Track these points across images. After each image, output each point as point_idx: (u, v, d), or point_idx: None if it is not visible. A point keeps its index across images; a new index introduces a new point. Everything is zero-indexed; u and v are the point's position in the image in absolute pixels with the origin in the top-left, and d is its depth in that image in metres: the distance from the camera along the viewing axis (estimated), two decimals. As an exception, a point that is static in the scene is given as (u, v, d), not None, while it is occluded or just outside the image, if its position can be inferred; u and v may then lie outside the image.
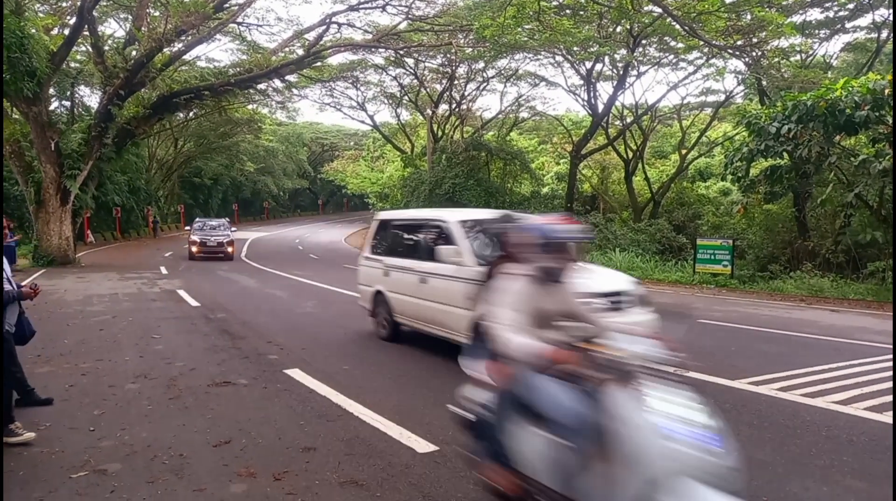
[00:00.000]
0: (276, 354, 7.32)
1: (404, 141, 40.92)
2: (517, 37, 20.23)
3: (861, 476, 3.85)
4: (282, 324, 9.53)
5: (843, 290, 14.14)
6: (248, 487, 3.66)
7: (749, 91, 27.64)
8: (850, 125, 13.21)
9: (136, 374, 6.35)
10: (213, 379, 6.11)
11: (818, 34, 23.66)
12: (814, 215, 18.58)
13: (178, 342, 8.03)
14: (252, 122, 42.69)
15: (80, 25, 20.31)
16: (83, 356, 7.17)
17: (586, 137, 26.69)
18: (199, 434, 4.55)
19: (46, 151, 20.50)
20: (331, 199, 72.59)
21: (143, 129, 24.09)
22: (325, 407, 5.21)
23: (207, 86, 22.86)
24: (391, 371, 6.54)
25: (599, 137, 30.23)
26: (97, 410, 5.14)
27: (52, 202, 21.06)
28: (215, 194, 54.08)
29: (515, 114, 36.43)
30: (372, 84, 35.21)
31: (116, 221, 37.13)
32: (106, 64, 21.06)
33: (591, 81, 26.43)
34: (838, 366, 6.74)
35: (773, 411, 5.12)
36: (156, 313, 10.63)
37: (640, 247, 22.60)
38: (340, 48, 25.30)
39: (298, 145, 61.52)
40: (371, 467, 3.94)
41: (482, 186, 28.03)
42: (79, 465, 3.98)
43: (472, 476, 3.78)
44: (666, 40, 23.30)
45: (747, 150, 15.26)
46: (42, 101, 20.61)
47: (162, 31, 19.95)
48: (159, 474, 3.85)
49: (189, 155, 47.30)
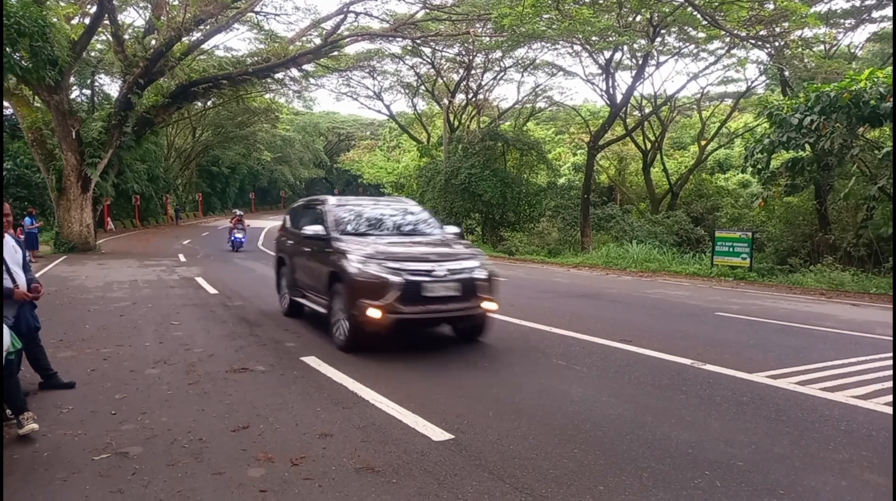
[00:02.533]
0: (293, 341, 7.39)
1: (420, 131, 40.85)
2: (536, 26, 20.06)
3: (880, 471, 3.81)
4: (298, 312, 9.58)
5: (864, 284, 13.92)
6: (266, 471, 3.71)
7: (771, 82, 27.23)
8: (875, 117, 12.95)
9: (156, 359, 6.45)
10: (231, 365, 6.18)
11: (843, 24, 23.19)
12: (835, 208, 18.30)
13: (197, 329, 8.13)
14: (269, 111, 42.88)
15: (100, 14, 20.49)
16: (104, 342, 7.29)
17: (604, 128, 26.45)
18: (217, 419, 4.62)
19: (67, 139, 20.76)
20: (346, 188, 72.81)
21: (162, 117, 24.29)
22: (340, 394, 5.25)
23: (225, 75, 22.98)
24: (406, 360, 6.58)
25: (617, 128, 29.98)
26: (118, 394, 5.23)
27: (73, 190, 21.36)
28: (233, 182, 54.51)
29: (532, 104, 36.19)
30: (389, 74, 35.14)
31: (136, 209, 37.58)
32: (126, 53, 21.23)
33: (609, 71, 26.16)
34: (858, 361, 6.66)
35: (792, 405, 5.08)
36: (175, 299, 10.76)
37: (657, 239, 22.45)
38: (358, 37, 25.25)
39: (315, 135, 61.77)
40: (387, 454, 3.97)
41: (498, 176, 27.90)
42: (101, 447, 4.06)
43: (486, 464, 3.81)
44: (686, 30, 22.98)
45: (768, 141, 15.03)
46: (63, 89, 20.87)
47: (181, 20, 20.06)
48: (179, 457, 3.92)
49: (207, 144, 47.65)
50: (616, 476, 3.67)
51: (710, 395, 5.33)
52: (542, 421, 4.61)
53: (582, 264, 20.18)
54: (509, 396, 5.23)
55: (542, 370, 6.10)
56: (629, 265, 18.89)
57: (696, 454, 4.02)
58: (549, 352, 6.91)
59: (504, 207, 28.37)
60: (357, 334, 6.59)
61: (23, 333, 4.84)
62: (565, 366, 6.28)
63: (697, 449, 4.10)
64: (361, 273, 6.50)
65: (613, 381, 5.78)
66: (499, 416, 4.71)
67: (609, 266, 19.25)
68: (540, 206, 29.27)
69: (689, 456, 3.98)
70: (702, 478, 3.65)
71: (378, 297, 6.32)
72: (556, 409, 4.89)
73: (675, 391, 5.43)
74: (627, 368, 6.25)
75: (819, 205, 17.87)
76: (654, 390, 5.48)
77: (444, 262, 6.69)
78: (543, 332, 8.11)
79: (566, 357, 6.65)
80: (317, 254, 7.59)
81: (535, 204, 29.15)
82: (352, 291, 6.53)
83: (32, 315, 5.11)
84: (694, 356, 6.68)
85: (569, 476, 3.65)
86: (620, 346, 7.24)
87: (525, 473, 3.69)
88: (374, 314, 6.31)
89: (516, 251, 26.08)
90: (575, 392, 5.37)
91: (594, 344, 7.36)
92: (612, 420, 4.65)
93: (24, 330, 4.93)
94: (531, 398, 5.19)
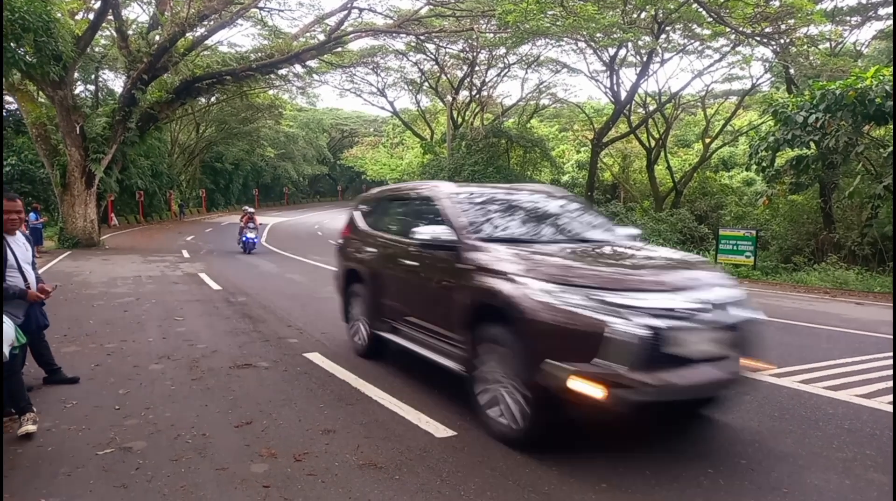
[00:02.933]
0: (296, 337, 7.40)
1: (424, 127, 40.84)
2: (540, 23, 20.01)
3: (884, 470, 3.80)
4: (301, 308, 9.61)
5: (868, 283, 13.88)
6: (269, 467, 3.72)
7: (776, 79, 27.10)
8: (880, 115, 12.91)
9: (160, 355, 6.46)
10: (235, 361, 6.20)
11: (849, 21, 23.10)
12: (840, 207, 18.24)
13: (200, 325, 8.15)
14: (273, 107, 42.88)
15: (104, 10, 20.50)
16: (108, 337, 7.31)
17: (608, 125, 26.40)
18: (221, 415, 4.63)
19: (72, 135, 20.80)
20: (350, 185, 72.82)
21: (166, 113, 24.33)
22: (344, 391, 5.26)
23: (229, 71, 22.98)
24: (409, 356, 6.57)
25: (621, 125, 29.91)
26: (122, 389, 5.25)
27: (77, 185, 21.40)
28: (236, 179, 54.55)
29: (536, 101, 36.14)
30: (392, 70, 35.15)
31: (139, 204, 37.65)
32: (130, 48, 21.25)
33: (613, 68, 26.10)
34: (862, 359, 6.64)
35: (795, 403, 5.07)
36: (178, 295, 10.79)
37: (660, 236, 22.39)
38: (361, 33, 25.22)
39: (318, 131, 61.71)
40: (389, 450, 3.98)
41: (502, 173, 27.89)
42: (105, 442, 4.07)
43: (489, 461, 3.80)
44: (691, 27, 22.89)
45: (773, 139, 14.99)
46: (67, 84, 20.90)
47: (185, 16, 20.05)
48: (183, 452, 3.93)
49: (210, 140, 47.69)
50: (619, 473, 3.67)
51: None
52: (545, 418, 4.59)
53: (585, 262, 20.12)
54: (512, 393, 5.22)
55: (545, 368, 6.09)
56: (632, 263, 18.84)
57: (699, 452, 4.01)
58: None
59: (507, 204, 28.31)
60: (544, 418, 3.93)
61: (31, 330, 4.85)
62: (568, 363, 6.26)
63: (701, 447, 4.09)
64: (552, 311, 3.73)
65: (616, 379, 5.76)
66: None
67: (612, 264, 19.20)
68: (543, 203, 29.18)
69: (692, 454, 3.97)
70: (706, 476, 3.64)
71: (587, 356, 3.60)
72: (559, 406, 4.88)
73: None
74: (630, 365, 6.23)
75: (824, 203, 17.81)
76: (658, 388, 5.46)
77: (690, 290, 3.89)
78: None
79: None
80: (437, 271, 4.94)
81: (539, 201, 29.06)
82: (534, 343, 3.81)
83: (41, 313, 5.12)
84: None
85: (571, 474, 3.65)
86: (623, 344, 7.22)
87: (527, 470, 3.69)
88: (586, 389, 3.56)
89: (519, 249, 26.06)
90: (578, 390, 5.35)
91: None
92: (614, 419, 4.64)
93: (34, 328, 4.95)
94: (534, 395, 5.17)
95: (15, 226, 4.63)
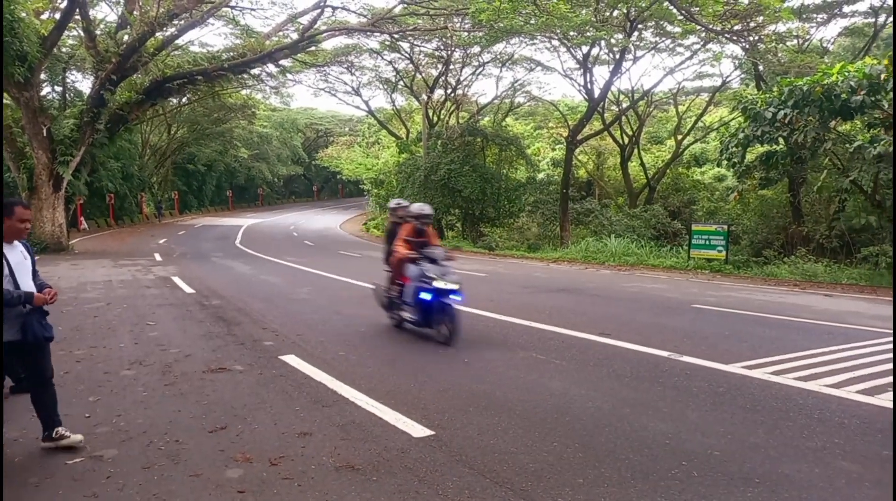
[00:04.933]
0: (272, 340, 7.32)
1: (400, 127, 40.70)
2: (513, 21, 20.08)
3: (853, 458, 3.88)
4: (277, 310, 9.52)
5: (836, 275, 14.20)
6: (244, 472, 3.67)
7: (746, 76, 27.55)
8: (846, 110, 13.17)
9: (132, 360, 6.35)
10: (209, 365, 6.11)
11: (815, 18, 23.56)
12: (808, 201, 18.63)
13: (174, 329, 8.02)
14: (246, 107, 42.38)
15: (71, 9, 20.06)
16: (77, 343, 7.15)
17: (582, 123, 26.60)
18: (194, 420, 4.56)
19: (38, 137, 20.33)
20: (325, 185, 72.33)
21: (136, 114, 23.88)
22: (320, 393, 5.22)
23: (201, 70, 22.64)
24: (386, 356, 6.56)
25: (595, 123, 30.15)
26: (92, 396, 5.14)
27: (44, 189, 20.92)
28: (209, 180, 53.80)
29: (511, 99, 36.24)
30: (367, 69, 34.92)
31: (110, 207, 36.96)
32: (98, 48, 20.82)
33: (587, 66, 26.29)
34: (831, 350, 6.78)
35: (766, 394, 5.16)
36: (150, 299, 10.61)
37: (635, 233, 22.66)
38: (335, 32, 25.05)
39: (293, 131, 61.16)
40: (367, 451, 3.96)
41: (478, 171, 27.93)
42: (74, 451, 3.98)
43: (467, 460, 3.81)
44: (663, 25, 23.16)
45: (743, 135, 15.23)
46: (33, 86, 20.40)
47: (154, 15, 19.72)
48: (155, 459, 3.86)
49: (182, 141, 46.97)
50: (595, 468, 3.70)
51: (687, 386, 5.39)
52: (523, 416, 4.62)
53: (561, 259, 20.29)
54: (490, 391, 5.24)
55: (523, 365, 6.13)
56: (608, 259, 19.04)
57: (673, 444, 4.06)
58: (529, 347, 6.94)
59: (484, 202, 28.41)
60: None
61: (28, 341, 4.10)
62: (544, 360, 6.31)
63: (675, 440, 4.14)
64: None
65: (592, 374, 5.82)
66: (479, 411, 4.72)
67: (588, 260, 19.38)
68: (519, 201, 29.36)
69: (666, 447, 4.02)
70: (679, 469, 3.69)
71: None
72: (536, 403, 4.91)
73: (653, 383, 5.49)
74: (606, 361, 6.30)
75: (793, 198, 18.17)
76: (633, 382, 5.53)
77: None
78: (523, 327, 8.14)
79: (545, 351, 6.68)
80: None
81: (515, 199, 29.23)
82: None
83: (40, 323, 4.26)
84: (671, 349, 6.75)
85: (548, 470, 3.67)
86: (599, 339, 7.30)
87: (505, 467, 3.70)
88: None
89: (496, 247, 26.16)
90: (554, 386, 5.40)
91: (573, 338, 7.41)
92: (591, 413, 4.68)
93: (31, 339, 4.14)
94: (511, 392, 5.20)
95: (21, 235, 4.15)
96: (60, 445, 4.03)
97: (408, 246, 7.31)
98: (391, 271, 7.88)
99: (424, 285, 6.96)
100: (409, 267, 7.26)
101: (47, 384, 4.14)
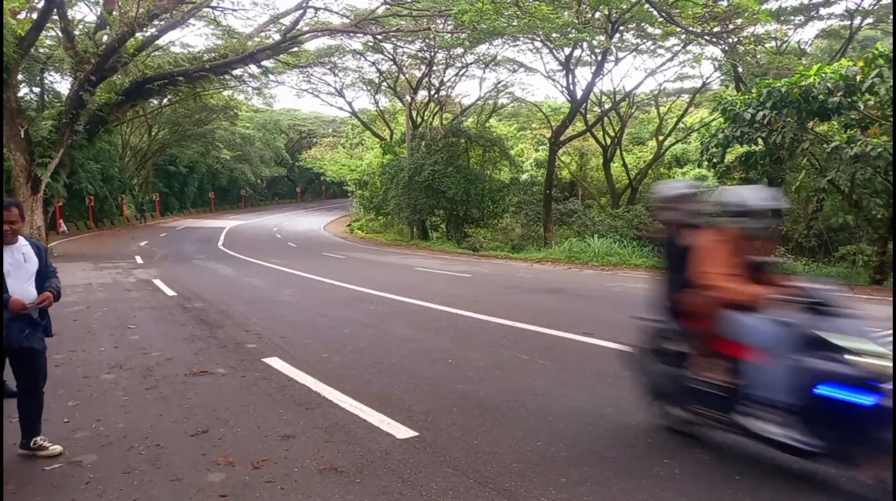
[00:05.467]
0: (255, 343, 7.28)
1: (383, 128, 40.65)
2: (496, 22, 20.15)
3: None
4: (260, 313, 9.46)
5: (814, 273, 14.42)
6: (226, 476, 3.65)
7: (725, 78, 27.90)
8: (824, 111, 13.37)
9: (112, 364, 6.27)
10: (191, 369, 6.06)
11: (793, 21, 23.94)
12: (787, 200, 18.89)
13: (155, 332, 7.94)
14: (228, 108, 42.05)
15: (49, 9, 19.76)
16: (56, 348, 7.03)
17: (565, 124, 26.74)
18: (176, 424, 4.52)
19: (16, 139, 20.01)
20: (309, 186, 71.94)
21: (116, 115, 23.60)
22: (303, 395, 5.19)
23: (182, 71, 22.43)
24: (370, 359, 6.54)
25: (578, 124, 30.33)
26: (71, 401, 5.08)
27: (22, 191, 20.58)
28: (191, 182, 53.29)
29: (494, 100, 36.37)
30: (350, 70, 34.87)
31: (90, 210, 36.48)
32: (76, 49, 20.53)
33: (569, 67, 26.45)
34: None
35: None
36: (131, 303, 10.49)
37: (618, 233, 22.80)
38: (318, 33, 24.94)
39: (276, 132, 60.75)
40: (350, 453, 3.95)
41: (461, 172, 27.98)
42: (53, 457, 3.93)
43: (450, 460, 3.81)
44: (644, 27, 23.38)
45: (723, 136, 15.40)
46: (10, 86, 20.09)
47: (134, 15, 19.48)
48: (136, 464, 3.82)
49: (164, 142, 46.48)
50: (578, 467, 3.72)
51: (669, 385, 5.43)
52: (506, 416, 4.64)
53: (545, 260, 20.37)
54: (473, 391, 5.25)
55: (506, 365, 6.14)
56: (591, 260, 19.15)
57: (655, 443, 4.10)
58: (513, 347, 6.96)
59: (468, 203, 28.46)
60: None
61: (13, 347, 3.87)
62: (528, 360, 6.34)
63: (657, 439, 4.18)
64: None
65: (575, 374, 5.85)
66: (463, 412, 4.73)
67: (571, 261, 19.48)
68: (503, 202, 29.46)
69: (648, 446, 4.05)
70: (661, 466, 3.72)
71: None
72: (520, 403, 4.93)
73: (636, 383, 5.52)
74: (589, 360, 6.33)
75: (772, 197, 18.40)
76: (615, 381, 5.57)
77: None
78: (508, 327, 8.16)
79: (529, 351, 6.71)
80: None
81: (499, 200, 29.32)
82: None
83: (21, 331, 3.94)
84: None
85: (532, 469, 3.68)
86: (582, 339, 7.34)
87: (489, 468, 3.71)
88: None
89: (480, 247, 26.20)
90: (538, 386, 5.42)
91: (556, 338, 7.44)
92: (574, 412, 4.71)
93: (17, 346, 3.88)
94: (495, 392, 5.22)
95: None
96: (38, 455, 3.97)
97: (738, 278, 3.78)
98: (692, 325, 4.13)
99: (828, 369, 3.24)
100: (764, 323, 3.56)
101: (34, 393, 4.08)
